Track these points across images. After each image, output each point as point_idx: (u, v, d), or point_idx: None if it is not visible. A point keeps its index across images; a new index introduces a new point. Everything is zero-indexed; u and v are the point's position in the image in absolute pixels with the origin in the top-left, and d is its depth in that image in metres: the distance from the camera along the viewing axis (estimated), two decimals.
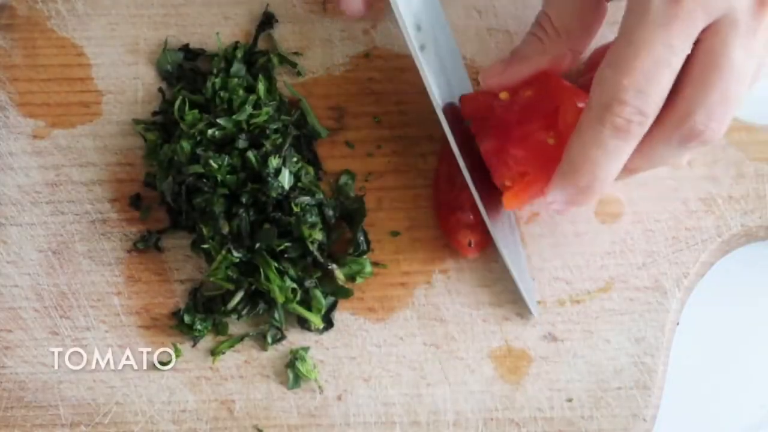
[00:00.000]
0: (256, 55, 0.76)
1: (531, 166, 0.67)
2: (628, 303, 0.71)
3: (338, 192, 0.73)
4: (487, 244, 0.71)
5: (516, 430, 0.69)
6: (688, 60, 0.59)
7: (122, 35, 0.77)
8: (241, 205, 0.69)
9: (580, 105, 0.65)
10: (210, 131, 0.70)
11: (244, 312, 0.70)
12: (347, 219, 0.73)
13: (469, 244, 0.71)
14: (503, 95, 0.68)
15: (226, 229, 0.69)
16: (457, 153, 0.69)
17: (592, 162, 0.61)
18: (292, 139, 0.72)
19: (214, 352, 0.71)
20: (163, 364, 0.70)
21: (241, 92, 0.73)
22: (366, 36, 0.77)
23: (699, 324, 0.74)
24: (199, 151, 0.70)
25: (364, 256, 0.71)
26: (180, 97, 0.73)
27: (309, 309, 0.70)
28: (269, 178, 0.69)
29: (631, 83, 0.59)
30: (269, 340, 0.71)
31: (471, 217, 0.71)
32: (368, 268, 0.71)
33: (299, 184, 0.70)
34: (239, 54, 0.75)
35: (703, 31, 0.59)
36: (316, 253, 0.70)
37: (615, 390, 0.69)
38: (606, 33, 0.69)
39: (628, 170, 0.63)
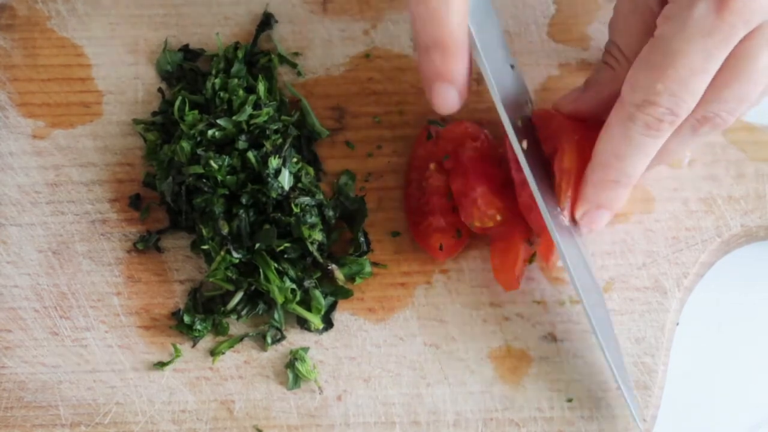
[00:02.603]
0: (257, 56, 0.76)
1: (513, 212, 0.70)
2: (628, 303, 0.71)
3: (338, 192, 0.73)
4: (458, 248, 0.72)
5: (516, 431, 0.69)
6: None
7: (122, 35, 0.77)
8: (241, 206, 0.69)
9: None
10: (210, 132, 0.70)
11: (243, 312, 0.70)
12: (347, 219, 0.73)
13: (440, 248, 0.71)
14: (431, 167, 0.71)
15: (225, 230, 0.69)
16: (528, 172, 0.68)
17: (621, 157, 0.64)
18: (292, 140, 0.72)
19: (213, 353, 0.71)
20: (163, 364, 0.70)
21: (241, 93, 0.73)
22: (366, 36, 0.77)
23: (699, 324, 0.74)
24: (199, 151, 0.70)
25: (365, 257, 0.71)
26: (180, 98, 0.73)
27: (309, 309, 0.70)
28: (269, 179, 0.69)
29: (666, 88, 0.60)
30: (269, 340, 0.71)
31: (442, 221, 0.71)
32: (368, 269, 0.71)
33: (299, 185, 0.70)
34: (240, 54, 0.75)
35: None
36: (315, 253, 0.70)
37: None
38: None
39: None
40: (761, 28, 0.60)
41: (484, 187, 0.70)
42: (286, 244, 0.69)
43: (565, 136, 0.68)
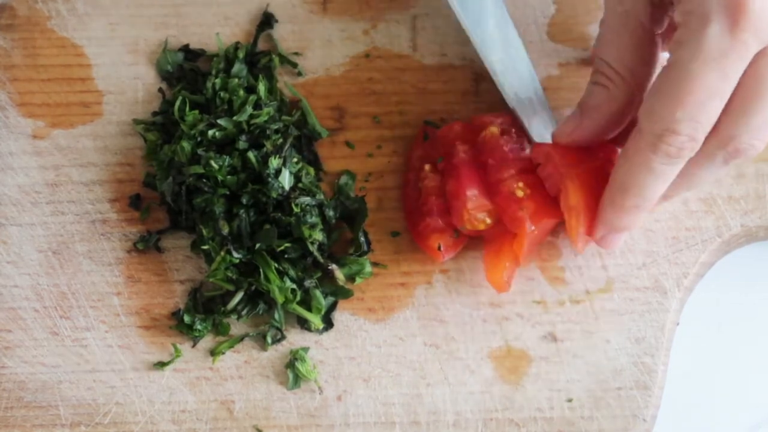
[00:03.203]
0: (258, 56, 0.76)
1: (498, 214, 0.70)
2: (628, 303, 0.71)
3: (338, 192, 0.73)
4: (456, 248, 0.71)
5: (516, 431, 0.69)
6: None
7: (122, 35, 0.77)
8: (242, 206, 0.69)
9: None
10: (210, 132, 0.70)
11: (243, 312, 0.70)
12: (347, 219, 0.73)
13: (439, 248, 0.70)
14: (494, 129, 0.71)
15: (226, 230, 0.69)
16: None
17: (641, 185, 0.63)
18: (293, 140, 0.72)
19: (213, 353, 0.71)
20: (163, 364, 0.70)
21: (241, 92, 0.73)
22: (366, 36, 0.77)
23: (699, 324, 0.74)
24: (199, 151, 0.70)
25: (365, 257, 0.71)
26: (180, 98, 0.73)
27: (309, 309, 0.70)
28: (269, 179, 0.69)
29: (685, 114, 0.60)
30: (269, 340, 0.71)
31: (440, 221, 0.71)
32: (368, 269, 0.71)
33: (299, 185, 0.70)
34: (240, 54, 0.75)
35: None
36: (316, 253, 0.70)
37: (615, 390, 0.69)
38: None
39: (668, 196, 0.66)
40: None
41: (474, 189, 0.70)
42: (287, 244, 0.69)
43: (566, 173, 0.67)
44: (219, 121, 0.71)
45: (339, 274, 0.71)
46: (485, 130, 0.71)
